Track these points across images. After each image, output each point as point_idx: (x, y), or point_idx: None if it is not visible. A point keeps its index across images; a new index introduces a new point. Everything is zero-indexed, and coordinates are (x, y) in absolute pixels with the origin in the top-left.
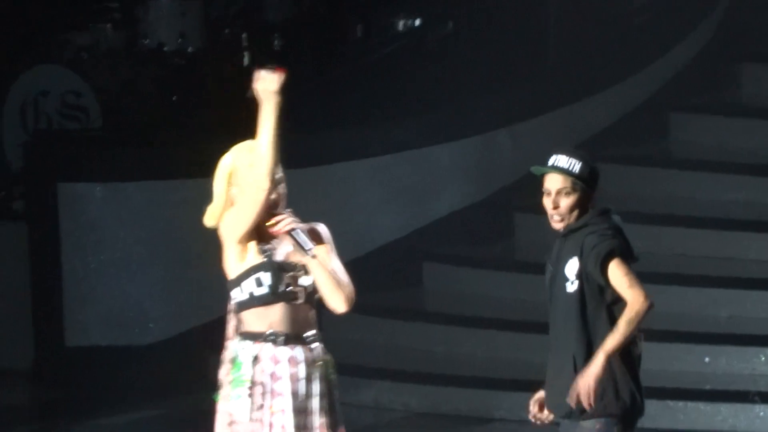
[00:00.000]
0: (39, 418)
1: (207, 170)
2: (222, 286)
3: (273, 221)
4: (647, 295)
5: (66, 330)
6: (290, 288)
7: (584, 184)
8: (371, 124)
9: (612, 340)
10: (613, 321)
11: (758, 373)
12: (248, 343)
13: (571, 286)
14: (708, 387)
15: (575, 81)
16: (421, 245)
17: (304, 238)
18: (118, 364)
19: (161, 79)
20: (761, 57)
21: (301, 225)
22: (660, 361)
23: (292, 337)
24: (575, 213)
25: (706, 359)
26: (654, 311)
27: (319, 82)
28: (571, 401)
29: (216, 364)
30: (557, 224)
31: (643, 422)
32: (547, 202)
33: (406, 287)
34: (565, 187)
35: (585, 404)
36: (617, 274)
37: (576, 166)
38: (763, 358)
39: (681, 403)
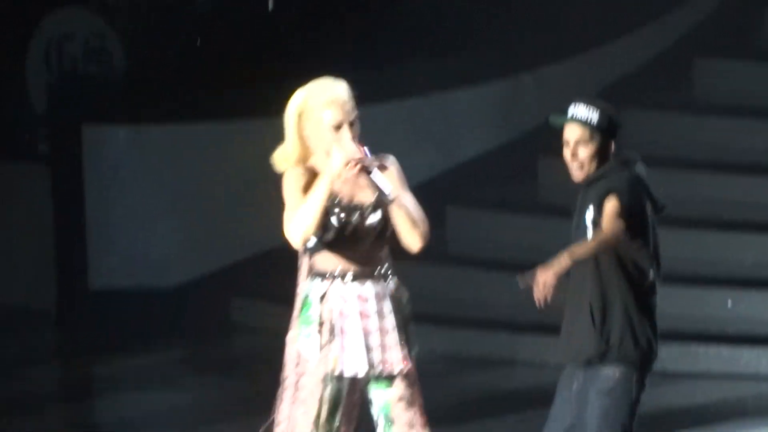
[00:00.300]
0: (62, 360)
1: (231, 114)
2: (242, 230)
3: (350, 163)
4: (621, 234)
5: (89, 273)
6: (358, 228)
7: (603, 134)
8: (394, 66)
9: (579, 249)
10: (625, 271)
11: None
12: (317, 281)
13: (590, 235)
14: (730, 331)
15: (600, 25)
16: (445, 189)
17: (382, 181)
18: (141, 307)
19: (186, 23)
20: None
21: (375, 162)
22: (683, 306)
23: (362, 274)
24: (594, 163)
25: (729, 303)
26: (679, 256)
27: (342, 25)
28: (522, 283)
29: (238, 306)
30: (577, 174)
31: (665, 366)
32: (567, 153)
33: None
34: (583, 138)
35: (539, 296)
36: (607, 210)
37: (594, 115)
38: None
39: (703, 348)
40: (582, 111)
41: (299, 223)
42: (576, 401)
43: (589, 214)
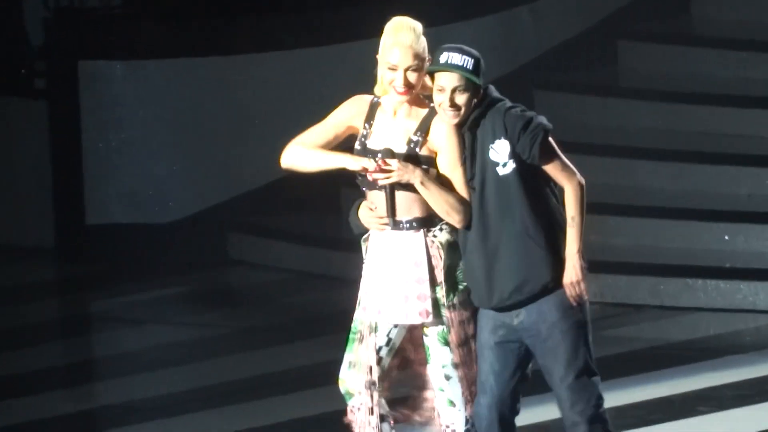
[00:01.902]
0: (61, 295)
1: (227, 48)
2: (241, 164)
3: (373, 169)
4: (580, 176)
5: (87, 208)
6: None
7: (477, 79)
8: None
9: (574, 238)
10: (553, 192)
11: None
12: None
13: (504, 169)
14: (728, 265)
15: None
16: None
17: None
18: (139, 242)
19: None
20: None
21: (400, 173)
22: (680, 240)
23: (392, 223)
24: (468, 106)
25: (726, 237)
26: (674, 189)
27: None
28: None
29: (235, 241)
30: (452, 119)
31: (663, 300)
32: (442, 98)
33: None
34: (460, 85)
35: (576, 300)
36: (549, 157)
37: (469, 62)
38: None
39: (701, 281)
40: (457, 58)
41: (292, 157)
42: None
43: (499, 147)
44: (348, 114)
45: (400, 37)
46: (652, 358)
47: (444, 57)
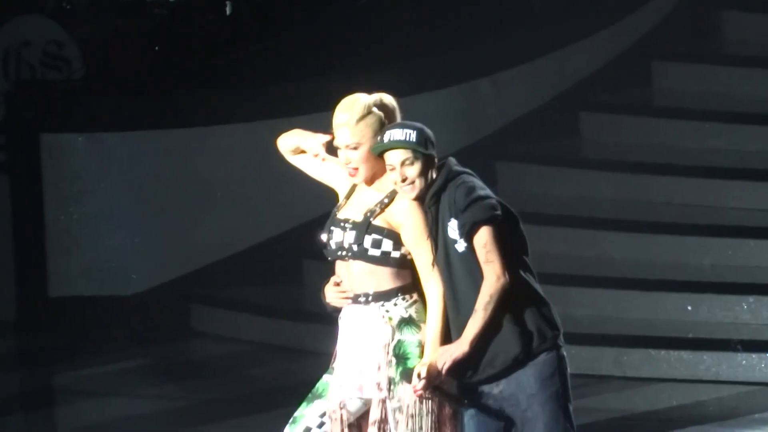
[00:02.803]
0: (22, 367)
1: (188, 121)
2: (203, 236)
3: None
4: (503, 272)
5: (49, 280)
6: (337, 244)
7: (424, 149)
8: (356, 74)
9: (473, 328)
10: (519, 261)
11: (740, 321)
12: None
13: (461, 245)
14: (690, 335)
15: (558, 28)
16: None
17: None
18: (101, 315)
19: (143, 30)
20: (744, 5)
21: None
22: (643, 310)
23: (354, 296)
24: (423, 179)
25: (689, 308)
26: (637, 259)
27: (300, 31)
28: (419, 373)
29: (198, 314)
30: (410, 194)
31: (626, 371)
32: (395, 176)
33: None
34: (407, 158)
35: (430, 376)
36: (478, 244)
37: (412, 135)
38: (745, 307)
39: (664, 352)
40: (398, 133)
41: (284, 136)
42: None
43: (452, 226)
44: (340, 176)
45: (337, 117)
46: (615, 428)
47: (387, 136)
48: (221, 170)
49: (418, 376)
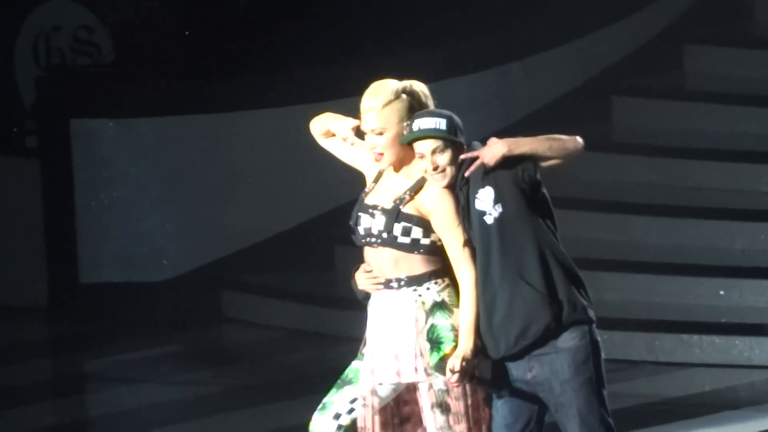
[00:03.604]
0: (54, 354)
1: (218, 106)
2: (234, 222)
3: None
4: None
5: (80, 267)
6: (366, 229)
7: (454, 137)
8: (383, 58)
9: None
10: (550, 229)
11: None
12: None
13: (490, 217)
14: (723, 320)
15: (589, 12)
16: None
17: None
18: (132, 301)
19: (173, 14)
20: None
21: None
22: (674, 295)
23: (385, 282)
24: (453, 166)
25: (721, 292)
26: (668, 244)
27: (331, 14)
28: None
29: (229, 300)
30: (441, 182)
31: (658, 356)
32: (426, 164)
33: None
34: (438, 146)
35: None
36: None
37: (441, 123)
38: None
39: (696, 337)
40: (428, 122)
41: (316, 119)
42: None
43: (484, 196)
44: (367, 160)
45: (363, 102)
46: (647, 414)
47: (416, 125)
48: (252, 155)
49: (452, 370)
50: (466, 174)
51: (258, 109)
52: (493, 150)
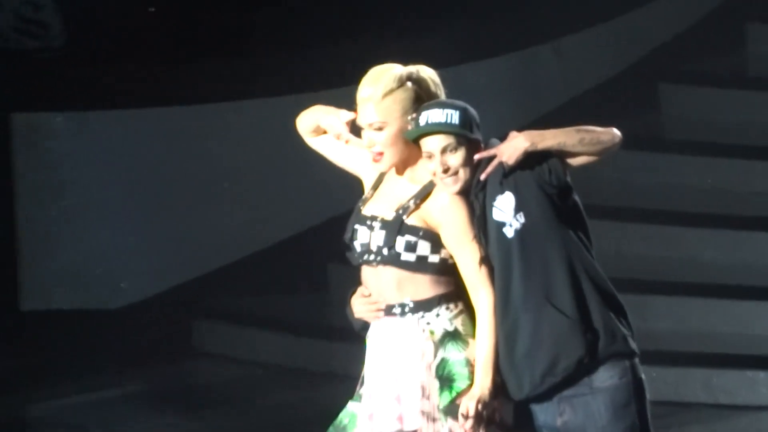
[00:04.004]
0: None
1: (191, 97)
2: (209, 236)
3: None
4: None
5: (21, 291)
6: (365, 248)
7: (469, 133)
8: (405, 40)
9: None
10: (583, 242)
11: None
12: None
13: (511, 228)
14: None
15: None
16: None
17: None
18: (85, 332)
19: None
20: None
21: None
22: (737, 323)
23: (387, 308)
24: (467, 168)
25: None
26: (729, 262)
27: None
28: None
29: (202, 330)
30: (452, 187)
31: (717, 397)
32: (434, 165)
33: None
34: (449, 144)
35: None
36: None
37: (454, 116)
38: None
39: (763, 374)
40: (438, 114)
41: (304, 114)
42: None
43: (503, 204)
44: (366, 162)
45: (361, 91)
46: None
47: (423, 118)
48: (230, 157)
49: (465, 414)
50: (482, 176)
51: (239, 101)
52: (514, 145)
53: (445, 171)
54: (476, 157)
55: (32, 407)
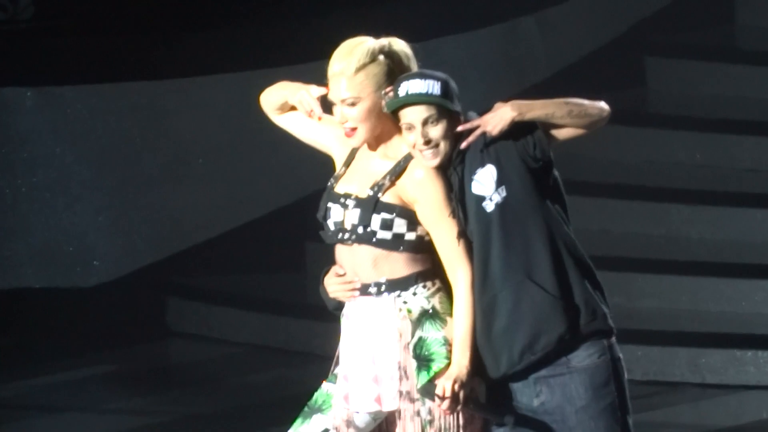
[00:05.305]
0: None
1: (162, 71)
2: (180, 215)
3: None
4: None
5: None
6: (338, 226)
7: (451, 104)
8: (367, 9)
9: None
10: (563, 219)
11: None
12: None
13: (491, 203)
14: None
15: None
16: None
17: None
18: (56, 311)
19: None
20: None
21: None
22: (724, 302)
23: (362, 287)
24: (448, 141)
25: None
26: (716, 239)
27: None
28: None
29: (176, 307)
30: (432, 160)
31: (704, 377)
32: (414, 137)
33: None
34: (430, 115)
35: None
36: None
37: (435, 86)
38: None
39: (751, 353)
40: (418, 85)
41: (269, 90)
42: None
43: (484, 177)
44: (337, 139)
45: (332, 66)
46: None
47: (403, 88)
48: (204, 132)
49: (442, 395)
50: (463, 145)
51: (210, 75)
52: (500, 115)
53: (426, 143)
54: (459, 128)
55: (2, 387)
